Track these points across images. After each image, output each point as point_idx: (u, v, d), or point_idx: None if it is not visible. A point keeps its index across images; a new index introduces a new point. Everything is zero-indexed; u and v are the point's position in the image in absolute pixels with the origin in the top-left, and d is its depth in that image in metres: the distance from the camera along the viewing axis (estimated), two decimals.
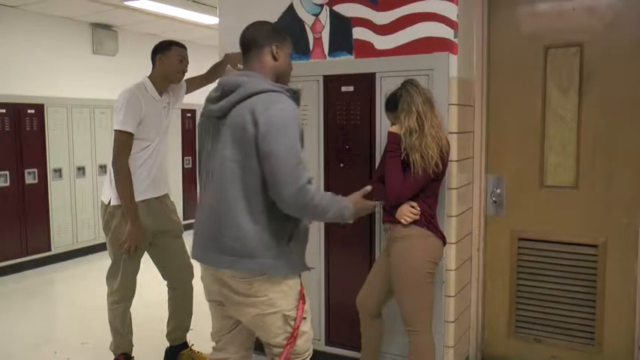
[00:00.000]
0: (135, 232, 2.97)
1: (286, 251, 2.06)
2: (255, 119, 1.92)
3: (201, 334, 3.60)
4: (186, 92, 3.35)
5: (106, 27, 6.75)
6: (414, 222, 2.51)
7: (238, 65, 3.26)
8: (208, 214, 2.10)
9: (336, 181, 3.11)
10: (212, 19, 5.92)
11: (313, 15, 3.13)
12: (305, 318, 2.17)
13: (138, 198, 3.00)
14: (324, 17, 3.09)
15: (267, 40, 2.12)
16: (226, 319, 2.25)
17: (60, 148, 6.05)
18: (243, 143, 1.95)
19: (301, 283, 2.18)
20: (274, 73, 2.14)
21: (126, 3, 5.50)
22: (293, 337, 2.12)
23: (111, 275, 3.16)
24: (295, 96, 2.09)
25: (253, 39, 2.13)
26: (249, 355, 2.37)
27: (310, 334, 2.22)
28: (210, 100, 2.12)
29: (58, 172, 6.06)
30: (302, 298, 2.15)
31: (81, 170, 6.27)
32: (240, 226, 1.98)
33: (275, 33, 2.17)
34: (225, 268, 2.05)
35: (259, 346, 3.30)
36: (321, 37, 3.11)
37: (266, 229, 2.01)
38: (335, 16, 3.06)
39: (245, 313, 2.11)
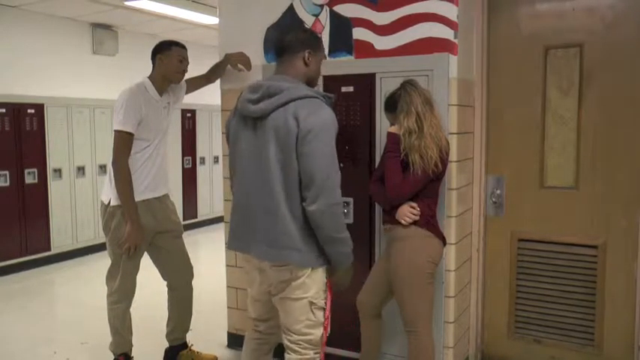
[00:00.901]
0: (135, 233, 2.97)
1: (319, 244, 2.18)
2: (298, 122, 2.05)
3: (200, 334, 3.60)
4: (186, 92, 3.35)
5: (106, 27, 6.75)
6: (414, 222, 2.51)
7: (238, 65, 3.26)
8: (252, 209, 2.22)
9: None
10: (212, 20, 5.92)
11: (313, 15, 3.13)
12: (324, 308, 2.30)
13: (138, 198, 3.00)
14: (324, 17, 3.09)
15: (302, 47, 2.22)
16: (267, 303, 2.37)
17: (60, 148, 6.05)
18: (286, 144, 2.08)
19: (326, 275, 2.27)
20: (305, 78, 2.24)
21: (126, 3, 5.50)
22: (325, 327, 2.29)
23: (111, 275, 3.16)
24: (330, 101, 2.21)
25: (289, 44, 2.23)
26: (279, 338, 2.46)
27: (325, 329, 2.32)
28: (249, 100, 2.18)
29: (58, 172, 6.06)
30: (329, 289, 2.29)
31: (81, 170, 6.27)
32: (286, 221, 2.12)
33: (310, 40, 2.27)
34: (273, 260, 2.18)
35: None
36: (320, 37, 3.10)
37: (305, 224, 2.13)
38: (335, 17, 3.06)
39: (278, 294, 2.23)
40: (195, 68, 3.37)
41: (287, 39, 2.25)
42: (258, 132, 2.15)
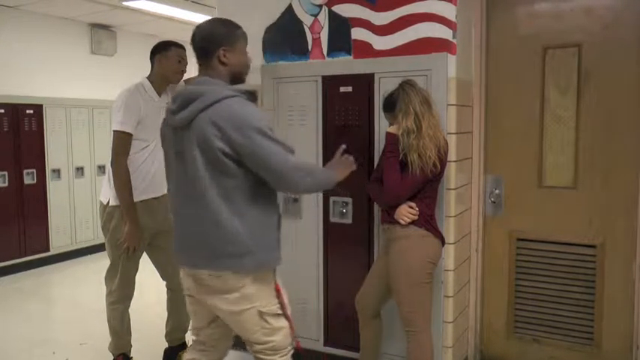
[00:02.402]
0: (134, 233, 2.97)
1: (263, 246, 2.11)
2: (221, 126, 1.97)
3: None
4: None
5: (105, 27, 6.74)
6: (413, 222, 2.51)
7: None
8: (189, 221, 2.13)
9: None
10: None
11: (312, 15, 3.13)
12: (280, 314, 2.21)
13: (137, 198, 3.00)
14: (323, 18, 3.09)
15: (214, 46, 2.11)
16: (205, 315, 2.29)
17: (58, 148, 6.05)
18: (211, 149, 2.00)
19: (275, 279, 2.22)
20: (228, 75, 2.15)
21: (124, 3, 5.49)
22: (290, 328, 2.24)
23: (109, 276, 3.16)
24: (252, 97, 2.13)
25: (201, 47, 2.13)
26: (228, 347, 2.44)
27: (287, 330, 2.23)
28: (171, 111, 2.13)
29: (57, 172, 6.06)
30: (277, 292, 2.21)
31: (80, 170, 6.27)
32: (229, 227, 2.04)
33: (220, 36, 2.13)
34: (204, 268, 2.10)
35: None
36: (319, 37, 3.11)
37: (255, 222, 2.08)
38: (333, 17, 3.06)
39: (221, 309, 2.15)
40: (194, 68, 3.36)
41: (197, 41, 2.14)
42: (185, 141, 2.06)
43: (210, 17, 2.37)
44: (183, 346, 3.37)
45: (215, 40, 2.12)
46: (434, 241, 2.57)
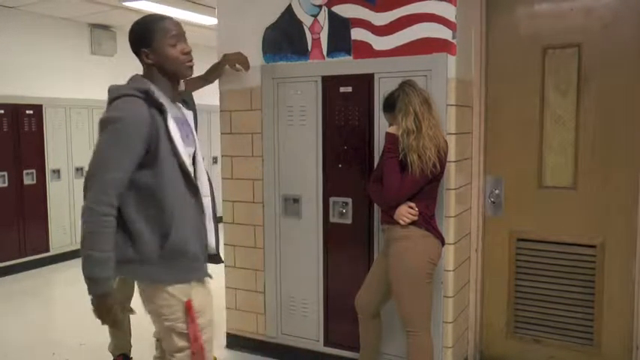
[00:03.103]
0: None
1: (165, 254, 1.92)
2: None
3: None
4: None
5: (105, 27, 6.74)
6: (413, 223, 2.51)
7: (236, 65, 3.26)
8: None
9: (335, 181, 3.11)
10: (211, 20, 5.92)
11: (312, 16, 3.13)
12: (184, 333, 1.99)
13: None
14: (323, 18, 3.09)
15: (136, 48, 2.03)
16: None
17: (58, 148, 6.04)
18: None
19: (190, 295, 1.98)
20: (158, 72, 2.02)
21: (124, 4, 5.49)
22: (193, 355, 1.98)
23: None
24: (148, 97, 1.91)
25: (130, 45, 2.05)
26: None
27: (188, 353, 1.99)
28: None
29: (57, 172, 6.05)
30: (189, 311, 1.96)
31: (79, 171, 6.25)
32: (120, 231, 1.90)
33: (139, 36, 2.02)
34: (122, 274, 2.06)
35: (243, 344, 3.30)
36: (319, 37, 3.11)
37: (142, 231, 1.90)
38: (333, 17, 3.06)
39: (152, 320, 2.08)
40: (194, 69, 3.36)
41: (129, 41, 2.05)
42: None
43: (209, 18, 2.36)
44: None
45: (135, 42, 2.03)
46: (434, 241, 2.57)
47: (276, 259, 3.33)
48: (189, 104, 2.22)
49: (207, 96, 4.51)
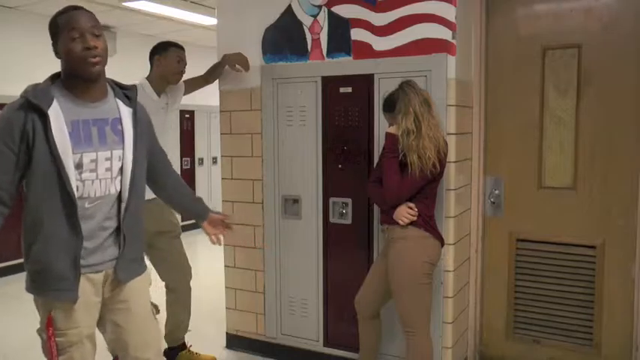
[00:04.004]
0: None
1: (30, 265, 1.91)
2: None
3: (199, 335, 3.60)
4: (185, 93, 3.35)
5: (105, 28, 6.74)
6: (412, 223, 2.51)
7: (236, 66, 3.26)
8: None
9: (335, 182, 3.11)
10: (210, 20, 5.92)
11: (311, 16, 3.13)
12: (61, 354, 1.89)
13: None
14: (323, 18, 3.09)
15: (52, 41, 1.96)
16: None
17: None
18: None
19: (52, 310, 1.88)
20: (65, 71, 1.96)
21: (124, 4, 5.49)
22: None
23: None
24: (32, 100, 1.87)
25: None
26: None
27: None
28: None
29: None
30: (48, 326, 1.87)
31: None
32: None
33: (50, 29, 1.97)
34: None
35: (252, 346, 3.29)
36: (319, 38, 3.11)
37: (21, 237, 1.90)
38: (333, 17, 3.06)
39: None
40: (194, 69, 3.37)
41: None
42: None
43: (209, 18, 2.36)
44: (182, 346, 3.37)
45: (50, 34, 1.97)
46: (433, 241, 2.57)
47: (276, 259, 3.33)
48: (132, 100, 2.06)
49: (207, 96, 4.51)
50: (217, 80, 3.41)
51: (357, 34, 3.00)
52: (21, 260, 2.08)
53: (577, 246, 3.02)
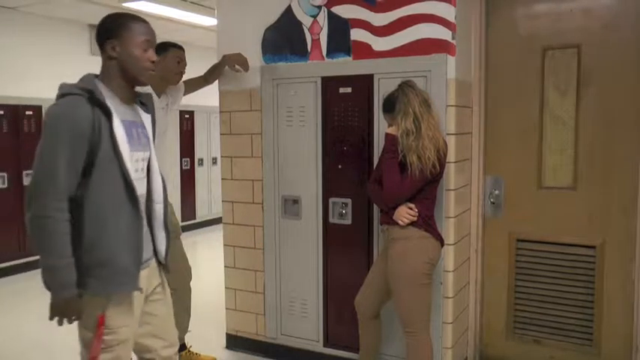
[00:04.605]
0: None
1: (89, 264, 1.87)
2: None
3: (199, 335, 3.60)
4: (185, 94, 3.35)
5: None
6: (412, 223, 2.51)
7: (236, 66, 3.26)
8: None
9: (334, 182, 3.11)
10: (210, 21, 5.92)
11: (311, 16, 3.13)
12: (107, 352, 1.93)
13: None
14: (322, 18, 3.09)
15: (101, 40, 1.95)
16: None
17: None
18: None
19: (106, 309, 1.90)
20: (120, 72, 1.95)
21: (124, 5, 5.49)
22: None
23: None
24: (92, 97, 1.84)
25: (97, 40, 1.98)
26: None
27: None
28: None
29: None
30: (98, 326, 1.90)
31: None
32: None
33: (111, 27, 1.95)
34: None
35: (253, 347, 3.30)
36: (319, 38, 3.11)
37: (78, 235, 1.85)
38: (333, 18, 3.06)
39: None
40: (194, 70, 3.37)
41: (95, 35, 1.99)
42: None
43: (209, 18, 2.35)
44: (182, 347, 3.36)
45: (102, 34, 1.95)
46: (433, 242, 2.57)
47: (276, 259, 3.33)
48: (149, 107, 2.13)
49: (207, 97, 4.52)
50: (217, 80, 3.42)
51: (356, 35, 3.00)
52: (21, 260, 2.08)
53: (577, 246, 3.02)
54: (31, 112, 5.76)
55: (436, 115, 2.55)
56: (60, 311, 1.90)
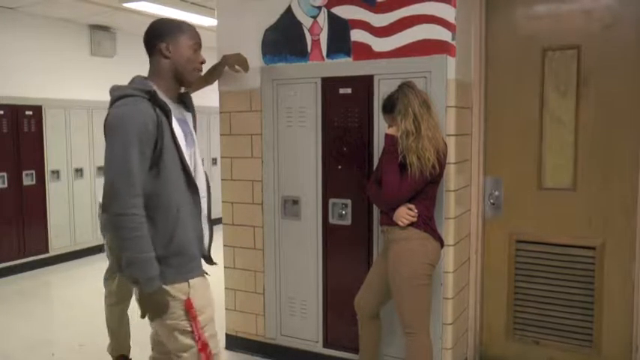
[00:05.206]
0: None
1: (167, 255, 1.95)
2: (104, 123, 1.94)
3: None
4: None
5: (104, 29, 6.74)
6: (412, 224, 2.51)
7: (236, 67, 3.26)
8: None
9: (334, 183, 3.11)
10: (210, 21, 5.92)
11: (311, 17, 3.13)
12: (189, 331, 2.00)
13: None
14: (322, 19, 3.10)
15: (156, 40, 2.03)
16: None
17: (58, 149, 6.04)
18: None
19: (189, 294, 1.99)
20: (171, 72, 2.04)
21: (124, 5, 5.49)
22: (204, 354, 2.00)
23: (108, 277, 3.15)
24: (153, 98, 1.93)
25: (146, 42, 2.07)
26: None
27: (195, 351, 2.01)
28: None
29: (56, 173, 6.05)
30: (189, 310, 1.98)
31: (79, 172, 6.26)
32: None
33: (163, 29, 2.04)
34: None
35: (256, 349, 3.30)
36: (319, 39, 3.11)
37: (152, 230, 1.91)
38: (333, 18, 3.07)
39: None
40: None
41: (144, 37, 2.07)
42: None
43: (209, 19, 2.35)
44: None
45: (156, 34, 2.04)
46: (433, 243, 2.57)
47: (276, 260, 3.33)
48: (189, 106, 2.24)
49: (207, 97, 4.51)
50: (217, 81, 3.41)
51: (356, 35, 3.00)
52: (21, 260, 2.09)
53: (577, 247, 3.02)
54: (31, 112, 5.76)
55: (436, 115, 2.55)
56: (151, 306, 1.95)
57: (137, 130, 1.85)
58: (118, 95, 1.95)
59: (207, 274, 2.11)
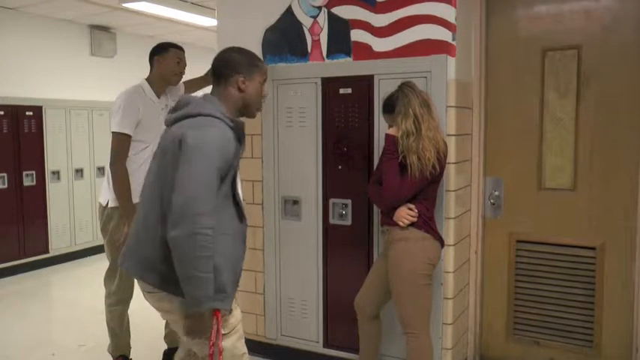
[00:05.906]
0: None
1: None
2: (183, 137, 1.90)
3: None
4: (185, 94, 3.35)
5: (105, 29, 6.74)
6: (412, 224, 2.51)
7: None
8: (135, 226, 2.10)
9: (334, 183, 3.11)
10: (210, 22, 5.92)
11: (311, 17, 3.13)
12: (226, 334, 2.05)
13: (135, 200, 2.99)
14: (322, 19, 3.10)
15: (232, 71, 2.08)
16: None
17: (58, 150, 6.05)
18: (165, 159, 1.97)
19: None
20: (240, 103, 2.10)
21: (124, 5, 5.49)
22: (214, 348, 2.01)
23: (108, 277, 3.15)
24: (236, 127, 2.02)
25: (220, 69, 2.11)
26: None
27: (235, 350, 2.09)
28: (170, 109, 2.14)
29: (56, 174, 6.05)
30: (216, 315, 1.99)
31: (79, 172, 6.26)
32: (157, 242, 1.95)
33: (243, 64, 2.10)
34: (157, 289, 2.02)
35: (256, 348, 3.30)
36: (319, 39, 3.11)
37: None
38: (333, 19, 3.07)
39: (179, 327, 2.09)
40: (194, 70, 3.37)
41: (218, 63, 2.13)
42: (165, 140, 2.04)
43: (209, 19, 2.36)
44: None
45: (235, 66, 2.09)
46: (433, 243, 2.57)
47: (276, 260, 3.33)
48: (242, 139, 2.20)
49: None
50: None
51: (356, 35, 3.00)
52: (21, 261, 2.10)
53: (577, 247, 3.02)
54: (31, 113, 5.77)
55: (436, 116, 2.55)
56: (201, 324, 1.94)
57: (222, 156, 1.91)
58: (199, 112, 1.98)
59: (229, 311, 2.10)
